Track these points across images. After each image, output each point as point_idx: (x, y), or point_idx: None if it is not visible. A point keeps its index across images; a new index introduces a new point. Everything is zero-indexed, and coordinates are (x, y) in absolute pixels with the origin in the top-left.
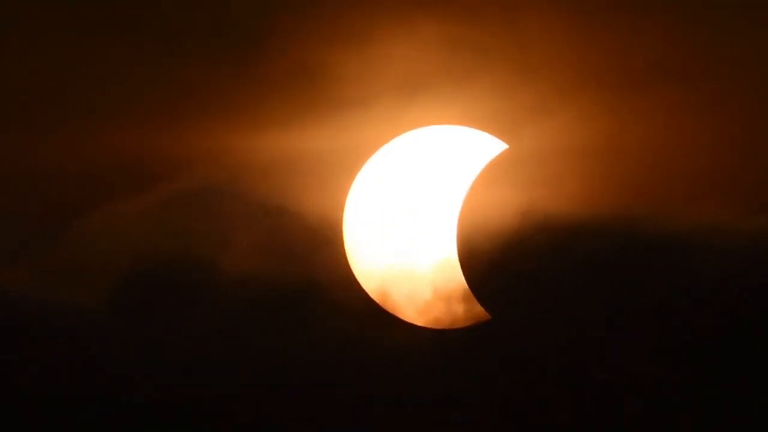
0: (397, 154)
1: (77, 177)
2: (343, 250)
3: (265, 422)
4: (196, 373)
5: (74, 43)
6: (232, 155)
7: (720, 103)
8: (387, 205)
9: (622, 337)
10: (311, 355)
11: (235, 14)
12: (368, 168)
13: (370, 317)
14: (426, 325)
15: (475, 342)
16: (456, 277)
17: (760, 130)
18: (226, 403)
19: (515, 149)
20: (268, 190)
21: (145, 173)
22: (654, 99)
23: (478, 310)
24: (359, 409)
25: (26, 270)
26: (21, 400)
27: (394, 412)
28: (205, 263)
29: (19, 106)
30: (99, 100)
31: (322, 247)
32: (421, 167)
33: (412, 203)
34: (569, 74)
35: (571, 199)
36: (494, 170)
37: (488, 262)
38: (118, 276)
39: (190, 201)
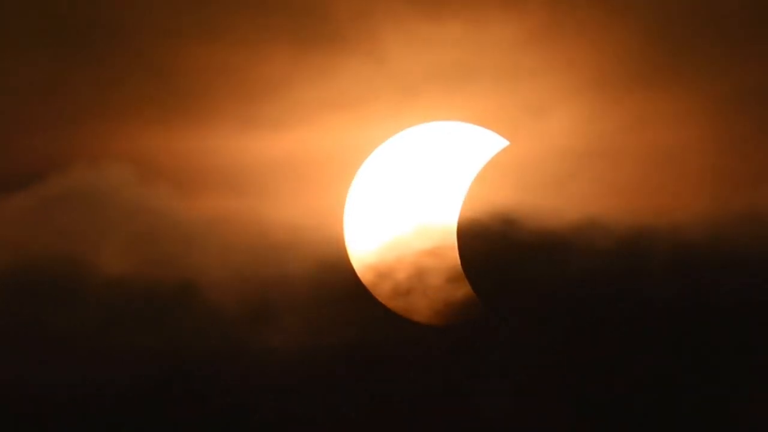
0: (399, 150)
1: None
2: (344, 247)
3: (141, 421)
4: (73, 371)
5: None
6: (121, 156)
7: (719, 105)
8: (388, 201)
9: (623, 332)
10: (191, 355)
11: (172, 12)
12: (369, 164)
13: (370, 313)
14: (426, 322)
15: (475, 339)
16: (457, 274)
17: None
18: (103, 401)
19: (516, 146)
20: (160, 192)
21: (21, 173)
22: (655, 100)
23: (479, 306)
24: (227, 412)
25: None
26: None
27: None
28: (81, 263)
29: None
30: None
31: (199, 248)
32: (423, 163)
33: (413, 199)
34: (570, 74)
35: (572, 198)
36: (495, 167)
37: (489, 259)
38: None
39: (65, 201)
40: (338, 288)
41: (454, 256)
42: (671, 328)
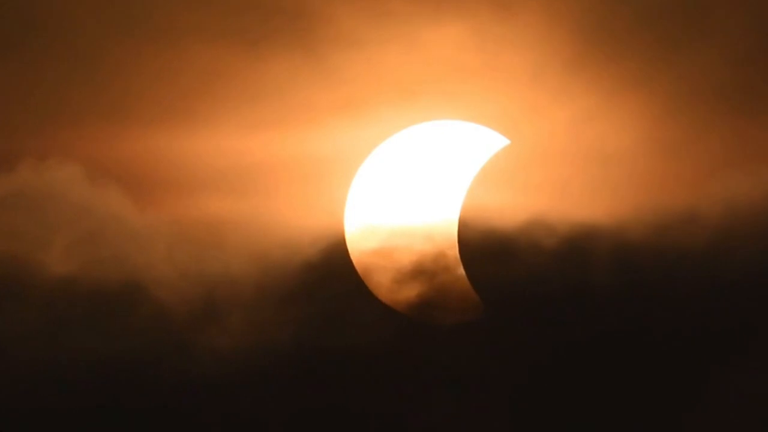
0: (400, 149)
1: None
2: (344, 245)
3: (87, 420)
4: (18, 370)
5: None
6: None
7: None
8: (389, 199)
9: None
10: (138, 355)
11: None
12: (370, 162)
13: (372, 310)
14: (426, 320)
15: (475, 337)
16: (457, 272)
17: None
18: (49, 400)
19: (517, 145)
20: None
21: None
22: (598, 101)
23: (479, 305)
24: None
25: None
26: None
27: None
28: (28, 263)
29: None
30: None
31: (146, 248)
32: (424, 161)
33: (414, 197)
34: (572, 74)
35: (573, 198)
36: (496, 165)
37: (489, 257)
38: None
39: (12, 201)
40: (339, 286)
41: (454, 253)
42: (615, 324)
